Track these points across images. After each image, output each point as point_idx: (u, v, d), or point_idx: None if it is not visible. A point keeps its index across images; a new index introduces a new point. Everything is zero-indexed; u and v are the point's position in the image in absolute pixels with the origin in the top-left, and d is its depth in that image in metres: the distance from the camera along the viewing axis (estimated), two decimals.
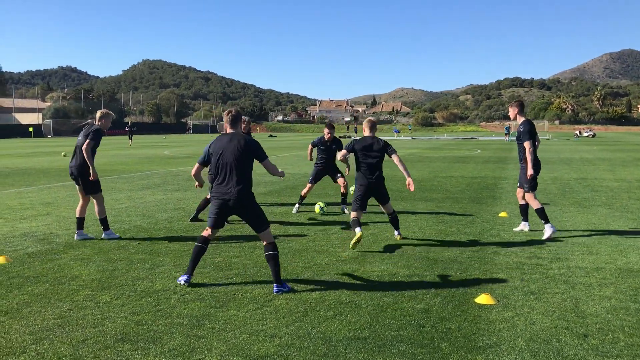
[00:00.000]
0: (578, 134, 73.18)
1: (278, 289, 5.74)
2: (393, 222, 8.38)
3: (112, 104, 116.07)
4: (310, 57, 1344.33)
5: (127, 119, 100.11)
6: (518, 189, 8.93)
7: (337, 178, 11.12)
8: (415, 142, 55.56)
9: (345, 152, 8.05)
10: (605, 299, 5.52)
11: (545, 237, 8.29)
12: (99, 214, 8.37)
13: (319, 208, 10.74)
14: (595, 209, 11.18)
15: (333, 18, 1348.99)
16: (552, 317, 5.03)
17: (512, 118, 8.94)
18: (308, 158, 11.89)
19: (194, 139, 65.87)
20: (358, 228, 7.57)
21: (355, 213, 7.86)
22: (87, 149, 8.08)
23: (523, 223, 9.00)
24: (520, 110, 8.80)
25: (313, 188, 11.21)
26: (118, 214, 10.67)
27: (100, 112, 8.51)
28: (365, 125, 8.18)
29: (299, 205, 11.06)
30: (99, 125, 8.35)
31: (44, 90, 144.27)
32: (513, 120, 9.05)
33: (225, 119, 6.09)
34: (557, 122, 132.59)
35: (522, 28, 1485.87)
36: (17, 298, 5.60)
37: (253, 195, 5.94)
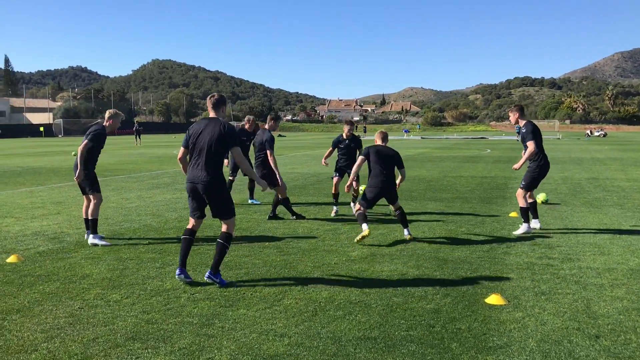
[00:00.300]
0: (589, 134, 72.71)
1: (209, 275, 5.88)
2: (401, 219, 8.37)
3: (122, 104, 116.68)
4: (319, 56, 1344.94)
5: (136, 119, 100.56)
6: (519, 190, 8.96)
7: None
8: (425, 141, 55.40)
9: (362, 158, 8.36)
10: (617, 300, 5.48)
11: (518, 233, 8.60)
12: (91, 214, 8.08)
13: None
14: (607, 209, 11.10)
15: (342, 17, 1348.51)
16: (563, 317, 5.00)
17: (513, 123, 9.05)
18: (323, 160, 11.34)
19: None
20: (365, 225, 7.81)
21: (363, 208, 8.11)
22: (82, 150, 7.93)
23: (533, 220, 8.95)
24: (521, 114, 8.97)
25: (340, 181, 10.86)
26: (128, 213, 10.72)
27: (109, 112, 8.33)
28: (377, 137, 8.53)
29: (336, 207, 10.76)
30: (105, 126, 8.18)
31: (55, 90, 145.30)
32: (515, 124, 9.10)
33: (208, 103, 6.06)
34: (567, 121, 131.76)
35: (532, 27, 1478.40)
36: (28, 296, 5.64)
37: (223, 182, 5.93)
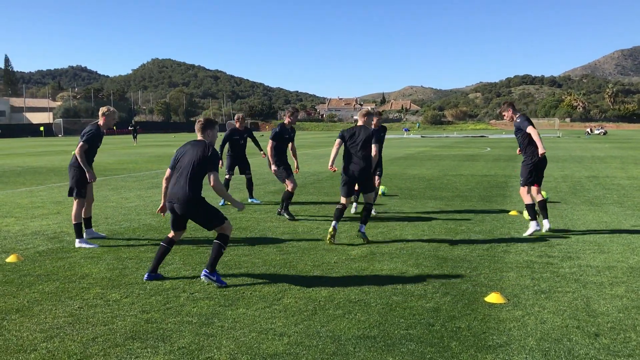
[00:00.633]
0: (589, 132, 72.72)
1: (205, 274, 5.89)
2: (364, 212, 8.22)
3: (121, 103, 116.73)
4: (319, 55, 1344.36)
5: (136, 118, 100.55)
6: (521, 188, 8.81)
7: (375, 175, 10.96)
8: (425, 140, 55.38)
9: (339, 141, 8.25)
10: (617, 298, 5.47)
11: (527, 233, 8.44)
12: (73, 218, 7.95)
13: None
14: (607, 207, 11.09)
15: (342, 16, 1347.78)
16: (563, 316, 4.99)
17: (508, 119, 8.89)
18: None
19: None
20: (334, 222, 7.97)
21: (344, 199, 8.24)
22: (80, 153, 7.83)
23: (544, 221, 8.80)
24: (514, 110, 8.85)
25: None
26: (128, 213, 10.72)
27: (103, 109, 8.15)
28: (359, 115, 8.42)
29: (357, 204, 10.81)
30: (100, 124, 8.05)
31: (55, 90, 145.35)
32: (510, 121, 8.96)
33: (196, 127, 6.24)
34: (568, 119, 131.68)
35: (532, 25, 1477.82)
36: (28, 296, 5.63)
37: (201, 199, 5.94)
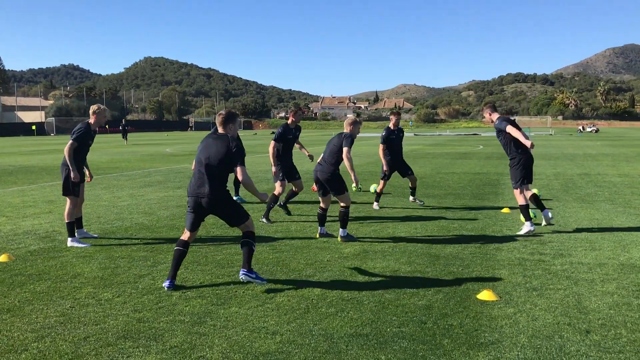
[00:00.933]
0: (581, 130, 73.09)
1: (245, 273, 5.80)
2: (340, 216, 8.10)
3: (114, 102, 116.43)
4: (313, 53, 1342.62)
5: (129, 116, 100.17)
6: (515, 190, 8.65)
7: (408, 174, 11.18)
8: (418, 138, 55.46)
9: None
10: (608, 295, 5.50)
11: (522, 233, 8.37)
12: (66, 217, 7.90)
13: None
14: (598, 205, 11.15)
15: (335, 14, 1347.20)
16: (554, 313, 5.02)
17: (488, 121, 8.96)
18: (383, 164, 11.25)
19: (196, 136, 65.86)
20: (320, 228, 8.27)
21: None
22: (68, 151, 7.76)
23: (543, 212, 8.72)
24: (493, 111, 8.89)
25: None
26: (120, 212, 10.68)
27: (93, 107, 8.06)
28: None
29: (377, 203, 11.06)
30: (91, 122, 7.98)
31: (47, 89, 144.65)
32: (491, 123, 8.96)
33: (217, 120, 6.04)
34: (560, 117, 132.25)
35: (524, 23, 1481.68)
36: (19, 296, 5.61)
37: (228, 195, 5.85)
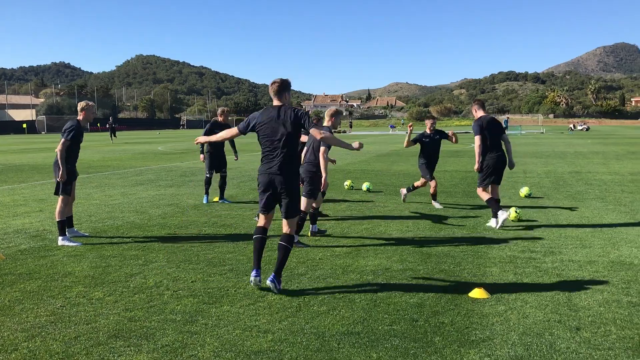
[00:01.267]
0: (572, 128, 73.46)
1: (273, 279, 5.51)
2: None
3: (105, 100, 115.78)
4: (305, 51, 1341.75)
5: (121, 115, 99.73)
6: (478, 189, 9.08)
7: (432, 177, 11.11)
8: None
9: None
10: (598, 292, 5.54)
11: (498, 226, 8.62)
12: (57, 215, 7.85)
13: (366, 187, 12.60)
14: (589, 203, 11.21)
15: (327, 12, 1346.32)
16: (545, 310, 5.04)
17: (475, 116, 9.13)
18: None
19: (188, 134, 65.70)
20: (312, 226, 8.22)
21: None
22: (61, 150, 7.72)
23: (500, 212, 8.89)
24: (478, 109, 9.07)
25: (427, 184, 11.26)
26: (111, 210, 10.64)
27: (81, 104, 8.01)
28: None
29: (407, 192, 11.58)
30: (80, 119, 7.95)
31: (38, 87, 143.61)
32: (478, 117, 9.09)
33: (270, 90, 5.63)
34: (551, 115, 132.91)
35: (516, 21, 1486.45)
36: (9, 295, 5.57)
37: (298, 177, 5.60)
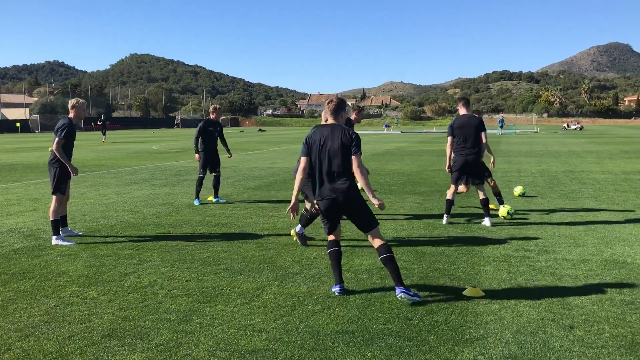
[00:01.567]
0: (566, 127, 73.71)
1: (403, 291, 5.16)
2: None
3: (100, 99, 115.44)
4: (300, 50, 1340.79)
5: (115, 113, 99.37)
6: (452, 186, 9.07)
7: (486, 177, 9.99)
8: (405, 135, 55.63)
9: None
10: (591, 291, 5.56)
11: (484, 224, 8.86)
12: (51, 214, 7.83)
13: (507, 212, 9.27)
14: (582, 201, 11.26)
15: (322, 11, 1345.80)
16: (538, 309, 5.06)
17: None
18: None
19: (182, 134, 65.56)
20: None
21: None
22: (57, 149, 7.72)
23: (445, 217, 9.11)
24: (463, 105, 9.06)
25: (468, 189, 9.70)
26: (106, 210, 10.61)
27: (72, 102, 8.01)
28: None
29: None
30: (71, 117, 7.95)
31: (31, 85, 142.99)
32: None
33: (327, 109, 5.58)
34: (545, 115, 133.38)
35: (510, 21, 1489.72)
36: (2, 295, 5.55)
37: (358, 192, 5.48)
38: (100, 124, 46.25)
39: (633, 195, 12.03)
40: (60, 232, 7.99)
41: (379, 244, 5.35)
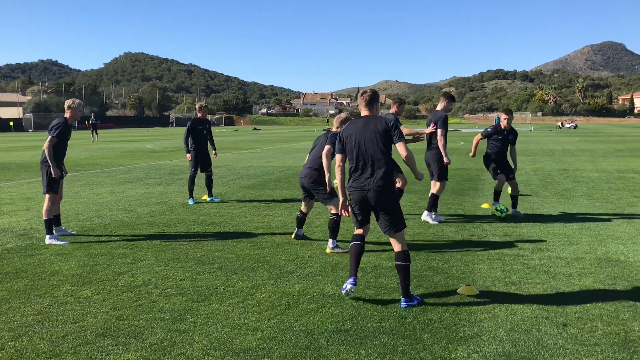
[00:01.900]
0: (560, 126, 73.99)
1: (406, 302, 5.10)
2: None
3: (93, 98, 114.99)
4: (295, 49, 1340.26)
5: (109, 112, 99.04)
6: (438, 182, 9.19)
7: (509, 177, 9.72)
8: None
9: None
10: (585, 289, 5.58)
11: (428, 221, 9.01)
12: (44, 214, 7.81)
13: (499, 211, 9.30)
14: (576, 200, 11.30)
15: (317, 10, 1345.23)
16: (532, 307, 5.08)
17: (440, 108, 9.43)
18: (471, 153, 10.39)
19: (177, 132, 65.39)
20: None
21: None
22: (48, 147, 7.71)
23: (426, 212, 9.20)
24: (444, 100, 9.46)
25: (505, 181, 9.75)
26: (99, 209, 10.57)
27: (68, 102, 7.98)
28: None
29: (496, 202, 9.61)
30: (67, 117, 7.91)
31: (25, 84, 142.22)
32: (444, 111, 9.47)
33: (360, 100, 5.45)
34: (539, 113, 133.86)
35: (505, 20, 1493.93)
36: None
37: (394, 188, 5.33)
38: (90, 124, 44.98)
39: (627, 194, 12.09)
40: (54, 231, 7.95)
41: (399, 249, 5.21)
